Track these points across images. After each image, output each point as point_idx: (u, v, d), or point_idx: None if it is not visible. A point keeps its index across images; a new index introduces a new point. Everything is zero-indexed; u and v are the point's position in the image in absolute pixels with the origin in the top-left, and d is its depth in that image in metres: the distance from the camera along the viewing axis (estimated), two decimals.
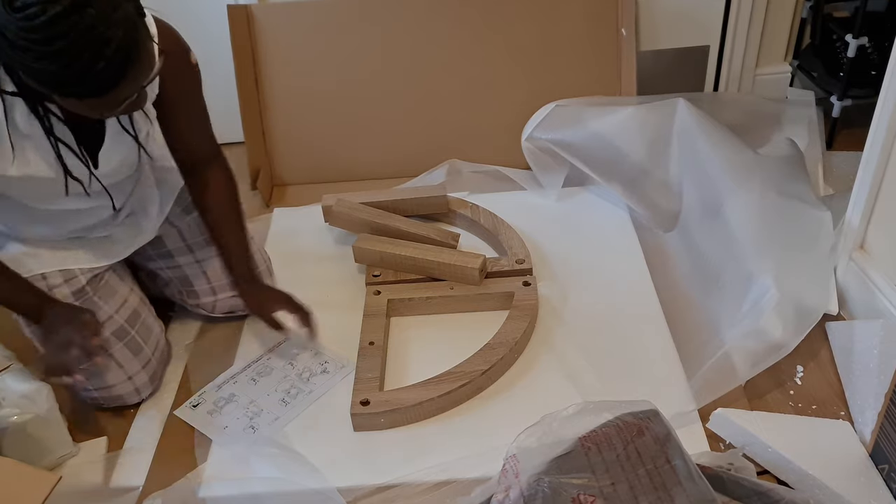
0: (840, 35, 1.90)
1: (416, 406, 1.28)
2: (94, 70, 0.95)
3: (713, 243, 1.55)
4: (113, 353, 1.32)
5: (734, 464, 1.11)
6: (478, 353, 1.36)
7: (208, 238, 1.46)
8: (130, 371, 1.35)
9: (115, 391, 1.35)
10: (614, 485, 0.89)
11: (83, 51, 0.93)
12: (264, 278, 1.53)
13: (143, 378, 1.37)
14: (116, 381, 1.34)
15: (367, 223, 1.66)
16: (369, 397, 1.29)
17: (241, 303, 1.50)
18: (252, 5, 1.91)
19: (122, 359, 1.34)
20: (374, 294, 1.52)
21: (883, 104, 1.28)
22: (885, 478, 1.13)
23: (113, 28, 0.94)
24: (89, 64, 0.94)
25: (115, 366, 1.33)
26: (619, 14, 1.92)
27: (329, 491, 1.20)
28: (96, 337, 1.22)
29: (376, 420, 1.28)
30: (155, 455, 1.30)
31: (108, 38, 0.94)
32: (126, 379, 1.35)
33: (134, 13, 0.98)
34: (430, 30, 1.93)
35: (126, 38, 0.96)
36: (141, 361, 1.36)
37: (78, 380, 1.19)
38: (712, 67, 2.07)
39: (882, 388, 1.19)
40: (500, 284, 1.52)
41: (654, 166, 1.71)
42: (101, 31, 0.94)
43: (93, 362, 1.21)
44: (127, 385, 1.35)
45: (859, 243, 1.43)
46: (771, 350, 1.32)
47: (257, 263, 1.51)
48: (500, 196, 1.86)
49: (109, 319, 1.33)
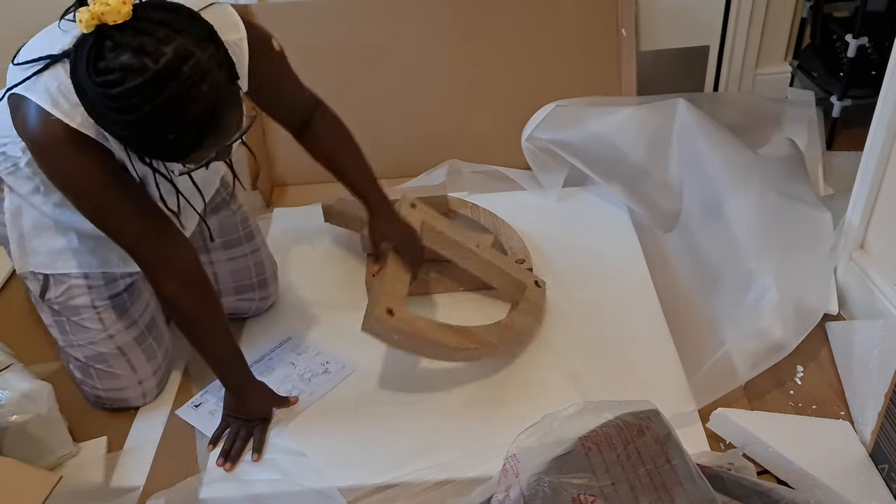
0: (840, 35, 1.90)
1: (431, 343, 1.30)
2: (166, 141, 0.93)
3: (713, 243, 1.55)
4: (130, 357, 1.33)
5: (734, 464, 1.12)
6: (494, 325, 1.38)
7: (224, 240, 1.45)
8: (142, 376, 1.36)
9: (123, 394, 1.35)
10: (614, 485, 0.89)
11: (156, 125, 0.91)
12: (269, 283, 1.54)
13: (152, 383, 1.38)
14: (127, 385, 1.35)
15: (367, 223, 1.66)
16: (396, 309, 1.29)
17: (244, 307, 1.51)
18: (252, 5, 1.91)
19: (137, 363, 1.34)
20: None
21: (883, 104, 1.28)
22: (885, 478, 1.13)
23: (193, 103, 0.91)
24: (161, 137, 0.93)
25: (130, 370, 1.34)
26: (619, 14, 1.92)
27: (329, 491, 1.20)
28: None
29: (390, 335, 1.29)
30: (156, 455, 1.30)
31: (186, 114, 0.91)
32: (136, 383, 1.35)
33: (224, 81, 0.95)
34: (430, 30, 1.93)
35: (205, 113, 0.92)
36: (153, 367, 1.37)
37: (229, 468, 1.24)
38: (712, 67, 2.07)
39: (882, 388, 1.19)
40: (517, 271, 1.52)
41: (654, 166, 1.71)
42: (178, 107, 0.90)
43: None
44: (136, 389, 1.36)
45: (859, 243, 1.43)
46: (771, 350, 1.32)
47: (269, 265, 1.53)
48: (500, 196, 1.86)
49: (133, 324, 1.33)
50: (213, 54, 0.93)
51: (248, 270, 1.49)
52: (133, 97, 0.89)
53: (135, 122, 0.91)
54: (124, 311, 1.32)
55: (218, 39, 0.96)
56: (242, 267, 1.48)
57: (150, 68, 0.88)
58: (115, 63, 0.88)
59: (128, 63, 0.88)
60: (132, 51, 0.88)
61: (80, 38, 0.92)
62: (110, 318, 1.30)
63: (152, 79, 0.88)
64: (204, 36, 0.93)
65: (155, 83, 0.89)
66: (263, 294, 1.53)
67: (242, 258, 1.48)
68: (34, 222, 1.24)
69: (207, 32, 0.94)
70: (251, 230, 1.49)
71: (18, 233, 1.26)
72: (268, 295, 1.54)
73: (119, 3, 0.88)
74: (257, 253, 1.50)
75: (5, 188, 1.22)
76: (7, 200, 1.24)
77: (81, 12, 0.90)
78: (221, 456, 1.25)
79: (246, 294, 1.50)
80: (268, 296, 1.54)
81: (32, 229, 1.25)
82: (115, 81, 0.88)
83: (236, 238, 1.47)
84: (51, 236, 1.25)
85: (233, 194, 1.47)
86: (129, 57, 0.88)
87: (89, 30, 0.89)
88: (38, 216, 1.23)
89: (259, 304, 1.54)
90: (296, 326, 1.53)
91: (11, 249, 1.27)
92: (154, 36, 0.89)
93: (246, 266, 1.48)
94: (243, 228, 1.47)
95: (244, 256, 1.48)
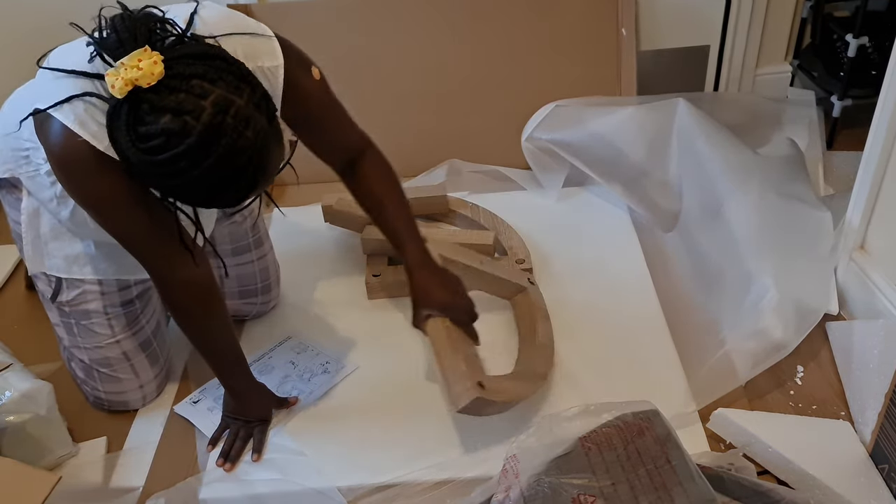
0: (840, 35, 1.90)
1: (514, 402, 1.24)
2: (218, 196, 0.93)
3: (713, 243, 1.55)
4: (134, 363, 1.33)
5: (734, 464, 1.12)
6: (535, 350, 1.35)
7: (234, 247, 1.44)
8: (144, 380, 1.36)
9: (124, 397, 1.35)
10: (615, 485, 0.89)
11: (207, 184, 0.90)
12: (273, 287, 1.53)
13: (153, 387, 1.38)
14: (129, 389, 1.35)
15: (367, 223, 1.66)
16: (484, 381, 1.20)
17: (247, 310, 1.51)
18: (252, 5, 1.91)
19: (140, 369, 1.34)
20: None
21: (883, 104, 1.28)
22: (885, 478, 1.13)
23: (239, 155, 0.89)
24: (212, 194, 0.92)
25: (133, 374, 1.34)
26: (619, 14, 1.92)
27: (329, 491, 1.20)
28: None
29: (489, 406, 1.20)
30: (155, 455, 1.30)
31: (234, 168, 0.90)
32: (138, 387, 1.36)
33: (266, 123, 0.92)
34: (431, 29, 1.93)
35: (252, 160, 0.90)
36: (155, 371, 1.37)
37: (229, 469, 1.24)
38: (712, 67, 2.07)
39: (882, 388, 1.19)
40: (509, 273, 1.51)
41: (654, 166, 1.71)
42: (226, 164, 0.89)
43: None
44: (137, 392, 1.36)
45: (859, 243, 1.43)
46: (771, 350, 1.32)
47: (274, 270, 1.52)
48: (500, 196, 1.86)
49: (140, 330, 1.33)
50: (251, 97, 0.90)
51: (253, 276, 1.48)
52: (180, 161, 0.87)
53: (185, 185, 0.90)
54: (134, 319, 1.31)
55: (253, 79, 0.93)
56: (249, 272, 1.48)
57: (192, 129, 0.86)
58: (155, 128, 0.86)
59: (169, 126, 0.86)
60: (171, 112, 0.86)
61: (115, 105, 0.90)
62: (120, 324, 1.30)
63: (197, 142, 0.86)
64: (238, 79, 0.91)
65: (200, 146, 0.87)
66: (266, 298, 1.53)
67: (249, 264, 1.47)
68: (52, 226, 1.24)
69: (240, 73, 0.92)
70: (260, 236, 1.48)
71: (35, 233, 1.25)
72: (270, 299, 1.54)
73: (150, 65, 0.86)
74: (264, 259, 1.50)
75: (24, 189, 1.21)
76: (25, 201, 1.23)
77: (112, 76, 0.87)
78: (221, 456, 1.25)
79: (249, 298, 1.50)
80: (270, 300, 1.54)
81: (49, 232, 1.24)
82: (160, 147, 0.86)
83: (245, 244, 1.46)
84: (68, 241, 1.25)
85: None
86: (170, 119, 0.86)
87: (122, 95, 0.87)
88: (56, 221, 1.23)
89: (261, 307, 1.54)
90: (296, 326, 1.53)
91: (24, 248, 1.26)
92: (190, 92, 0.87)
93: (252, 272, 1.48)
94: (253, 235, 1.46)
95: (251, 262, 1.47)
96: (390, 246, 1.55)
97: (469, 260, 1.48)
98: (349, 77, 1.95)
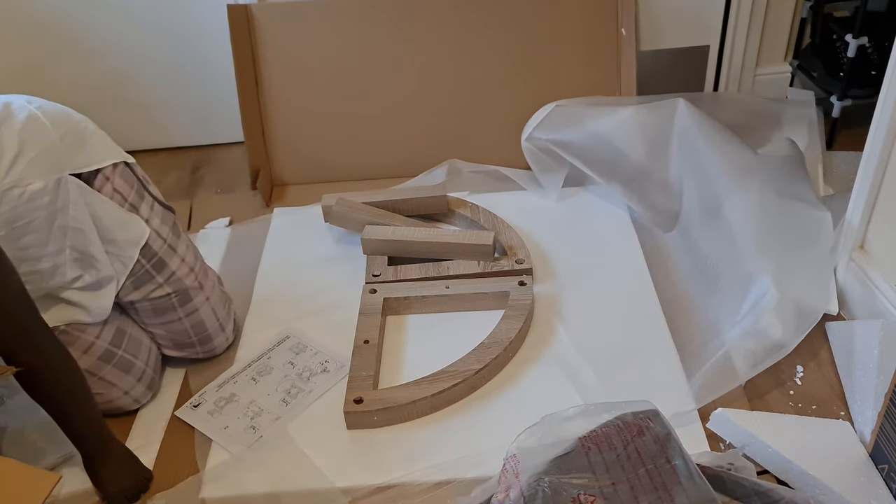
0: (840, 35, 1.90)
1: (409, 405, 1.29)
2: None
3: (713, 243, 1.55)
4: (103, 375, 1.30)
5: (734, 464, 1.11)
6: (472, 352, 1.36)
7: (154, 307, 1.36)
8: (126, 387, 1.34)
9: (113, 404, 1.34)
10: (614, 485, 0.89)
11: None
12: (214, 336, 1.44)
13: (140, 389, 1.36)
14: (114, 397, 1.33)
15: (367, 223, 1.67)
16: (363, 395, 1.30)
17: (190, 357, 1.45)
18: (252, 5, 1.91)
19: (114, 379, 1.32)
20: (370, 293, 1.52)
21: (883, 104, 1.28)
22: (885, 478, 1.13)
23: None
24: None
25: (109, 385, 1.32)
26: (619, 14, 1.92)
27: (329, 491, 1.20)
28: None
29: (369, 418, 1.28)
30: (156, 456, 1.29)
31: None
32: (123, 394, 1.34)
33: None
34: (430, 30, 1.93)
35: None
36: (135, 375, 1.35)
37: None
38: (712, 67, 2.07)
39: (882, 388, 1.19)
40: (495, 284, 1.52)
41: (653, 166, 1.71)
42: None
43: None
44: (125, 398, 1.35)
45: (859, 243, 1.43)
46: (771, 350, 1.32)
47: (213, 321, 1.43)
48: (500, 196, 1.86)
49: (90, 347, 1.28)
50: None
51: (185, 332, 1.40)
52: None
53: None
54: (72, 343, 1.26)
55: None
56: (179, 329, 1.39)
57: None
58: None
59: None
60: None
61: None
62: (70, 348, 1.21)
63: None
64: None
65: None
66: (207, 348, 1.45)
67: (177, 321, 1.38)
68: None
69: None
70: (187, 291, 1.36)
71: None
72: (213, 348, 1.45)
73: None
74: (195, 314, 1.39)
75: None
76: None
77: None
78: None
79: (187, 350, 1.43)
80: (213, 348, 1.45)
81: None
82: None
83: (168, 305, 1.36)
84: None
85: (160, 264, 1.32)
86: None
87: None
88: None
89: (204, 355, 1.46)
90: (295, 326, 1.52)
91: None
92: None
93: (183, 329, 1.39)
94: (176, 295, 1.35)
95: (179, 320, 1.38)
96: (390, 246, 1.56)
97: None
98: (349, 77, 1.95)
